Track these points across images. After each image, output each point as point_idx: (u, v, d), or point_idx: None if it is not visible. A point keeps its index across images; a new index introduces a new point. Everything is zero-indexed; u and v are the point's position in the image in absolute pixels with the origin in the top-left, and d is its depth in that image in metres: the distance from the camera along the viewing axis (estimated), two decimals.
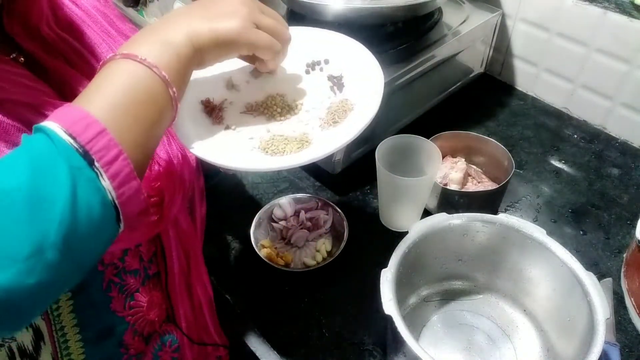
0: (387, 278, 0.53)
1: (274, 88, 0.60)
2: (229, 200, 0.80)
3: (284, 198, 0.76)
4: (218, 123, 0.56)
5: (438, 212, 0.61)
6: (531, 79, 1.00)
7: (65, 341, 0.51)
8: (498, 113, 0.97)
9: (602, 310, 0.50)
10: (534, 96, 1.01)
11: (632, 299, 0.64)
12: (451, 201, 0.72)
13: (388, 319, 0.50)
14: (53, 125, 0.35)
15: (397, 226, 0.75)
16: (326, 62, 0.61)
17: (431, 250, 0.62)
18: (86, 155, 0.35)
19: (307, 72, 0.62)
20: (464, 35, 0.89)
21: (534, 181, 0.83)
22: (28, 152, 0.34)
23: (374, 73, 0.56)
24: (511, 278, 0.63)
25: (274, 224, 0.74)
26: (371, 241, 0.74)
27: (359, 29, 0.70)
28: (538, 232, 0.58)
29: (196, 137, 0.52)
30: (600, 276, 0.67)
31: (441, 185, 0.72)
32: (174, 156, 0.56)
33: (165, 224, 0.54)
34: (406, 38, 0.84)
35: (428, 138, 0.72)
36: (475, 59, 1.01)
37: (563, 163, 0.87)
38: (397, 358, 0.55)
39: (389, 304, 0.51)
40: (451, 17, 0.92)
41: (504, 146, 0.75)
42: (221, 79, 0.60)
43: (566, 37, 0.90)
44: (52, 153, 0.34)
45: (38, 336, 0.49)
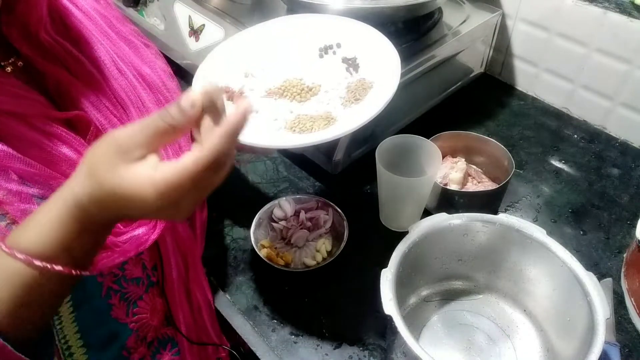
0: (387, 278, 0.53)
1: (291, 73, 0.62)
2: (229, 200, 0.80)
3: (284, 198, 0.76)
4: None
5: (438, 212, 0.61)
6: (531, 79, 1.00)
7: (68, 347, 0.51)
8: (498, 113, 0.97)
9: (602, 310, 0.50)
10: (534, 96, 1.01)
11: (632, 299, 0.64)
12: (451, 201, 0.72)
13: (388, 319, 0.50)
14: None
15: (397, 226, 0.75)
16: (338, 46, 0.63)
17: (431, 250, 0.62)
18: None
19: (321, 57, 0.63)
20: (464, 35, 0.89)
21: (534, 181, 0.83)
22: None
23: (388, 50, 0.58)
24: (511, 278, 0.63)
25: (274, 224, 0.74)
26: (371, 241, 0.74)
27: None
28: (538, 232, 0.58)
29: None
30: (600, 276, 0.67)
31: (441, 185, 0.72)
32: None
33: (157, 234, 0.53)
34: (406, 38, 0.84)
35: (428, 138, 0.72)
36: (475, 59, 1.01)
37: (563, 163, 0.87)
38: (397, 358, 0.55)
39: (389, 304, 0.51)
40: (451, 17, 0.92)
41: (504, 146, 0.75)
42: (238, 69, 0.62)
43: (566, 37, 0.90)
44: None
45: None
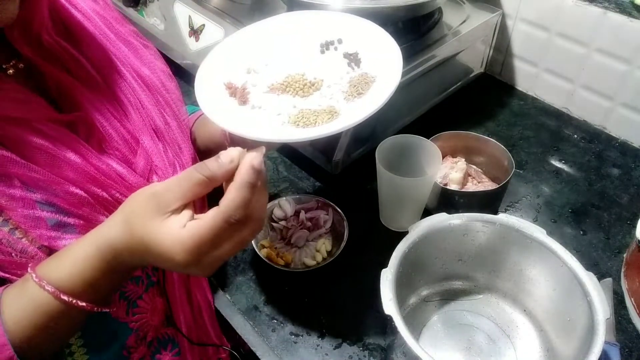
0: (387, 278, 0.53)
1: (293, 68, 0.62)
2: None
3: (284, 198, 0.76)
4: (244, 103, 0.58)
5: (438, 212, 0.61)
6: (531, 79, 1.00)
7: (68, 346, 0.51)
8: (498, 113, 0.97)
9: (602, 310, 0.50)
10: (534, 96, 1.01)
11: (632, 299, 0.64)
12: (451, 201, 0.72)
13: (388, 319, 0.50)
14: None
15: (397, 226, 0.75)
16: (339, 42, 0.63)
17: (431, 250, 0.62)
18: None
19: (322, 52, 0.63)
20: (464, 35, 0.89)
21: (534, 181, 0.83)
22: None
23: (389, 45, 0.58)
24: (511, 278, 0.63)
25: (274, 224, 0.74)
26: (371, 241, 0.74)
27: None
28: (538, 232, 0.58)
29: (229, 117, 0.54)
30: (600, 276, 0.67)
31: (441, 185, 0.72)
32: (170, 164, 0.56)
33: None
34: (406, 38, 0.84)
35: (428, 138, 0.72)
36: (475, 59, 1.01)
37: (563, 163, 0.87)
38: (397, 358, 0.55)
39: (389, 304, 0.51)
40: (451, 17, 0.92)
41: (504, 146, 0.75)
42: (240, 65, 0.62)
43: (566, 37, 0.90)
44: None
45: None
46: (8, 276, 0.45)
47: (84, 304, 0.43)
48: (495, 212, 0.68)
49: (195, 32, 0.92)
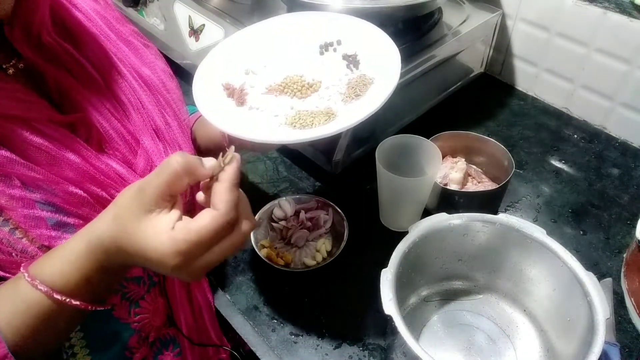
0: (387, 278, 0.53)
1: (292, 70, 0.62)
2: None
3: (284, 198, 0.76)
4: (241, 104, 0.58)
5: (438, 212, 0.61)
6: (531, 79, 1.00)
7: (70, 347, 0.51)
8: (498, 113, 0.97)
9: (602, 310, 0.50)
10: (534, 96, 1.01)
11: (632, 299, 0.64)
12: (451, 201, 0.72)
13: (388, 319, 0.50)
14: None
15: (397, 226, 0.75)
16: (339, 43, 0.63)
17: (431, 250, 0.62)
18: None
19: (321, 54, 0.63)
20: (464, 35, 0.89)
21: (534, 181, 0.83)
22: None
23: (388, 47, 0.58)
24: (511, 278, 0.63)
25: (274, 224, 0.74)
26: (371, 241, 0.74)
27: None
28: (538, 232, 0.58)
29: (226, 118, 0.54)
30: (600, 276, 0.67)
31: (441, 185, 0.72)
32: None
33: None
34: (406, 38, 0.84)
35: (428, 138, 0.72)
36: (475, 59, 1.01)
37: (563, 163, 0.87)
38: (397, 358, 0.55)
39: (389, 304, 0.51)
40: (451, 17, 0.92)
41: (504, 146, 0.75)
42: (239, 66, 0.62)
43: (566, 37, 0.90)
44: None
45: None
46: (8, 276, 0.45)
47: (78, 303, 0.42)
48: (495, 212, 0.68)
49: (195, 32, 0.92)
